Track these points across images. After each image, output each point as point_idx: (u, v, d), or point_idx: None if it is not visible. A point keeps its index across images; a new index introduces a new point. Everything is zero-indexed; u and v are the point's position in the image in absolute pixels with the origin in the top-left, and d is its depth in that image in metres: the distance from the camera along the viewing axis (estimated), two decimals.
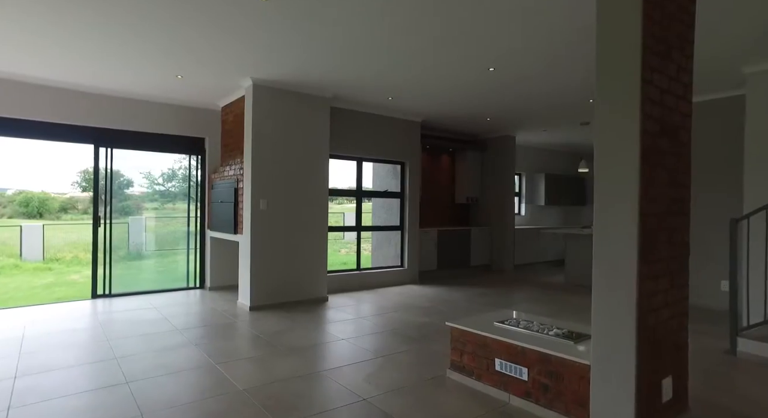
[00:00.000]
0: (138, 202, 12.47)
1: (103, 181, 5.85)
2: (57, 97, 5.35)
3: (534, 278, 8.07)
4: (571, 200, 10.51)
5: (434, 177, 8.75)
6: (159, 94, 5.84)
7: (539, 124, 7.84)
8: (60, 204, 24.01)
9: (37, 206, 22.84)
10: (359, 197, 6.96)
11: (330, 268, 6.43)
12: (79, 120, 5.52)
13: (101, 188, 5.86)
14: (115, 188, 14.45)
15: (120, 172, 12.44)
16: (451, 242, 8.23)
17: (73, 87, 5.43)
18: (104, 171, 5.83)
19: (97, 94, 5.60)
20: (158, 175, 9.50)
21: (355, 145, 6.73)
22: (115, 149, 5.86)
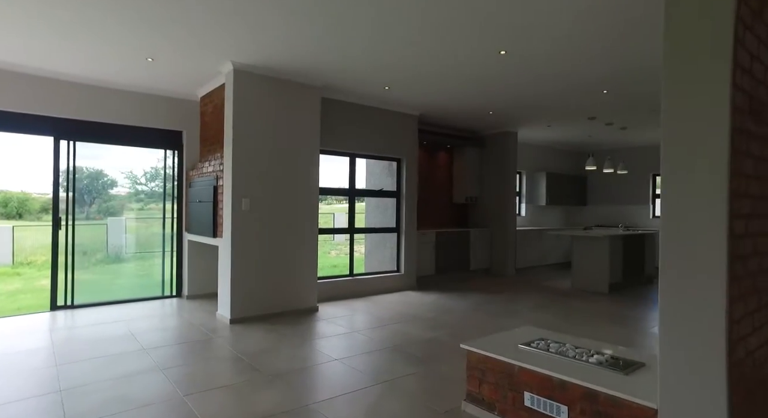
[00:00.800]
0: (123, 203, 11.81)
1: (83, 178, 5.21)
2: (8, 82, 4.71)
3: (538, 282, 7.58)
4: (573, 200, 10.06)
5: (431, 175, 8.22)
6: (128, 80, 5.22)
7: (544, 119, 7.36)
8: (41, 205, 22.99)
9: (16, 207, 21.85)
10: (352, 197, 6.40)
11: (319, 272, 5.87)
12: (36, 109, 4.88)
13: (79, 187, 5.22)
14: (99, 188, 13.58)
15: (103, 171, 11.72)
16: (450, 245, 7.71)
17: (27, 71, 4.78)
18: (69, 166, 5.18)
19: (54, 79, 4.96)
20: (141, 175, 8.87)
21: (347, 140, 6.17)
22: (78, 142, 5.22)
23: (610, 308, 5.68)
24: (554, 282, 7.63)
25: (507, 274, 8.18)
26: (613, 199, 9.95)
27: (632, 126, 7.72)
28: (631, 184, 9.65)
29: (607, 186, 10.05)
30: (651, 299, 6.25)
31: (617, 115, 6.96)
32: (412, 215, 6.93)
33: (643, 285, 7.40)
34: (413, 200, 6.96)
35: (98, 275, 10.70)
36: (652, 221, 9.35)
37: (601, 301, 6.13)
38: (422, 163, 7.97)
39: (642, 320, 5.11)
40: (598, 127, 7.79)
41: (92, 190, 12.57)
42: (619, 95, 5.74)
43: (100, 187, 12.52)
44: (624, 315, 5.33)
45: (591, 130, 8.09)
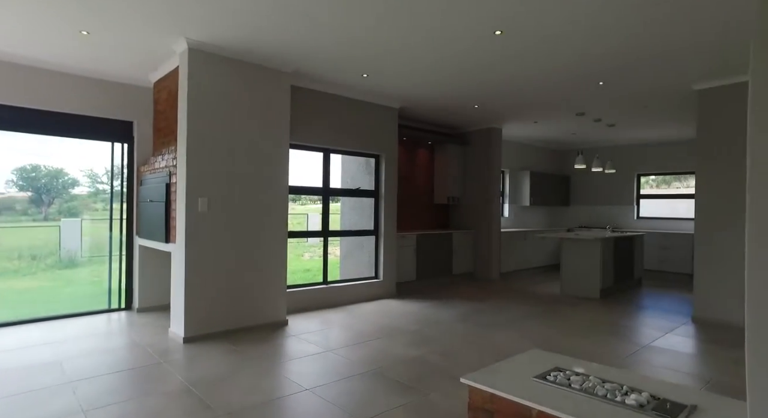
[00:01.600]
0: (88, 203, 10.95)
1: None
2: None
3: (525, 288, 7.16)
4: (557, 201, 9.73)
5: (411, 174, 7.70)
6: (65, 60, 4.49)
7: (532, 114, 6.94)
8: None
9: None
10: (326, 196, 5.81)
11: (290, 278, 5.27)
12: None
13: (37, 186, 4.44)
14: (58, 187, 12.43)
15: (64, 170, 10.73)
16: (432, 249, 7.20)
17: None
18: None
19: None
20: (102, 173, 8.07)
21: (321, 134, 5.58)
22: (2, 131, 4.46)
23: (605, 317, 5.28)
24: (542, 287, 7.22)
25: (491, 278, 7.74)
26: (597, 200, 9.66)
27: (621, 123, 7.39)
28: (615, 184, 9.38)
29: (590, 186, 9.76)
30: (645, 306, 5.89)
31: (607, 111, 6.60)
32: (391, 216, 6.39)
33: (633, 289, 7.07)
34: (393, 200, 6.42)
35: (47, 281, 9.73)
36: (636, 222, 9.09)
37: (594, 308, 5.73)
38: (402, 161, 7.45)
39: (643, 332, 4.70)
40: (585, 124, 7.43)
41: (51, 190, 11.52)
42: (615, 88, 5.35)
43: (59, 187, 11.50)
44: (623, 325, 4.93)
45: (577, 127, 7.73)
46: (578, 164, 6.71)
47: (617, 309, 5.68)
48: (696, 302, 5.19)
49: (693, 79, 5.01)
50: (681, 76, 4.92)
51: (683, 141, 8.51)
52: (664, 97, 5.74)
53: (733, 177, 4.93)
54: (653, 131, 8.09)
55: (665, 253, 8.23)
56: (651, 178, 9.24)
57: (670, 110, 6.43)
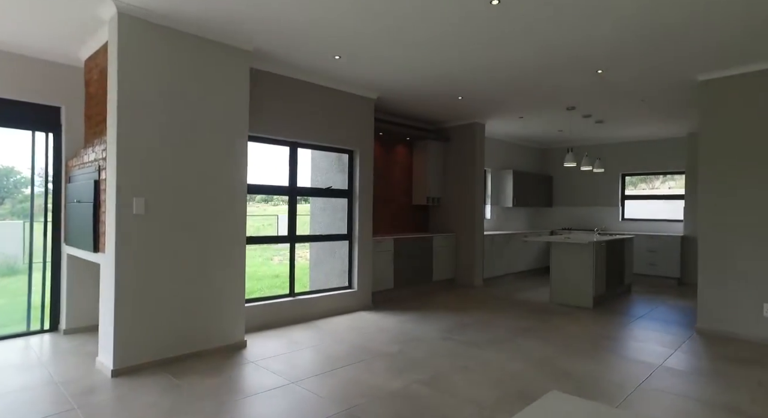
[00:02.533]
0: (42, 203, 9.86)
1: None
2: None
3: (511, 296, 6.63)
4: (539, 201, 9.29)
5: (388, 172, 7.08)
6: None
7: (519, 108, 6.42)
8: None
9: None
10: (293, 196, 5.11)
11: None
12: None
13: None
14: (9, 187, 11.28)
15: (15, 169, 9.62)
16: (411, 254, 6.59)
17: None
18: None
19: None
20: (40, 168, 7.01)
21: (288, 126, 4.88)
22: None
23: (603, 330, 4.77)
24: (529, 295, 6.71)
25: (474, 285, 7.20)
26: (581, 201, 9.28)
27: (609, 120, 6.97)
28: (599, 184, 9.01)
29: (573, 186, 9.37)
30: (642, 316, 5.43)
31: (599, 106, 6.14)
32: (367, 218, 5.74)
33: (624, 296, 6.64)
34: (368, 201, 5.77)
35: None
36: (622, 223, 8.74)
37: (588, 319, 5.23)
38: (378, 158, 6.81)
39: (649, 349, 4.21)
40: (572, 121, 6.98)
41: (0, 189, 10.43)
42: (615, 76, 4.86)
43: (11, 186, 10.38)
44: (625, 341, 4.43)
45: (564, 123, 7.28)
46: (568, 162, 6.25)
47: (614, 320, 5.20)
48: (700, 312, 4.75)
49: (699, 69, 4.57)
50: (686, 65, 4.47)
51: (670, 139, 8.20)
52: (664, 89, 5.30)
53: (740, 174, 4.51)
54: (641, 129, 7.73)
55: (652, 256, 7.88)
56: (630, 178, 8.90)
57: (666, 105, 6.02)
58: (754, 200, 4.42)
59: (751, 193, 4.44)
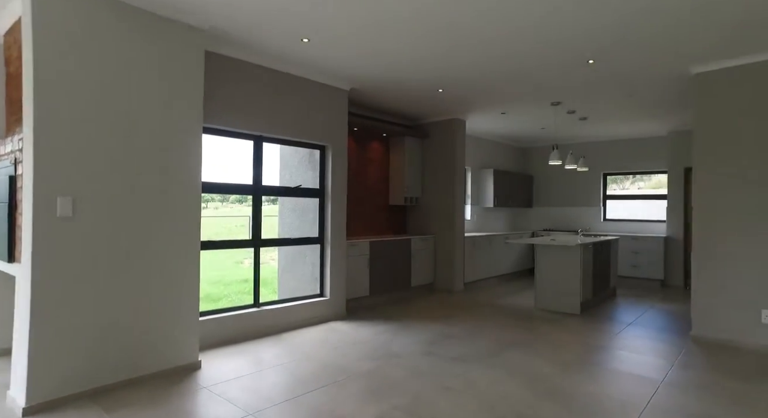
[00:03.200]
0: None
1: None
2: None
3: (494, 302, 6.27)
4: (519, 202, 8.99)
5: (363, 170, 6.62)
6: None
7: (502, 103, 6.06)
8: None
9: None
10: (258, 196, 4.59)
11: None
12: None
13: None
14: None
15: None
16: (387, 258, 6.16)
17: None
18: None
19: None
20: None
21: (252, 117, 4.37)
22: None
23: (596, 340, 4.44)
24: (512, 300, 6.36)
25: (455, 290, 6.81)
26: (562, 201, 9.03)
27: (594, 116, 6.70)
28: (581, 184, 8.77)
29: (554, 186, 9.12)
30: (633, 323, 5.13)
31: (585, 101, 5.84)
32: (340, 220, 5.27)
33: (611, 301, 6.36)
34: (342, 201, 5.31)
35: None
36: (604, 224, 8.52)
37: (578, 328, 4.90)
38: (353, 156, 6.35)
39: (648, 362, 3.88)
40: (557, 117, 6.68)
41: None
42: (606, 67, 4.54)
43: None
44: (621, 353, 4.10)
45: (547, 120, 6.98)
46: (553, 160, 5.94)
47: (604, 328, 4.88)
48: (695, 318, 4.47)
49: (694, 59, 4.28)
50: (681, 56, 4.18)
51: (651, 138, 8.01)
52: (654, 83, 5.02)
53: (738, 172, 4.24)
54: (623, 127, 7.51)
55: (635, 258, 7.66)
56: (609, 177, 8.70)
57: (653, 101, 5.76)
58: (753, 199, 4.15)
59: (749, 192, 4.17)
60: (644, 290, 7.26)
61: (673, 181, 7.54)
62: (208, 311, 4.15)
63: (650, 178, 8.49)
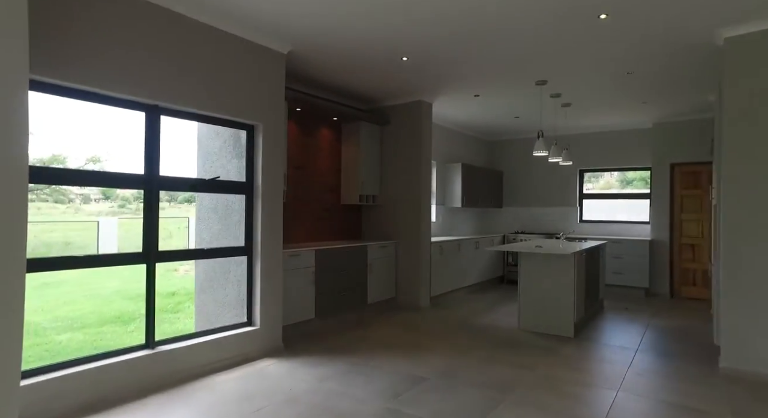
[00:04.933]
0: None
1: None
2: None
3: (469, 321, 5.18)
4: (489, 201, 8.02)
5: (308, 162, 5.38)
6: None
7: (477, 81, 4.99)
8: None
9: None
10: (152, 191, 3.24)
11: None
12: None
13: None
14: None
15: None
16: (339, 270, 4.95)
17: None
18: None
19: None
20: None
21: (139, 77, 3.04)
22: None
23: (613, 379, 3.43)
24: (491, 319, 5.30)
25: (421, 306, 5.68)
26: (534, 200, 8.14)
27: (579, 102, 5.79)
28: (555, 181, 7.91)
29: (527, 184, 8.22)
30: (642, 350, 4.18)
31: (574, 81, 4.89)
32: (274, 223, 4.01)
33: (600, 316, 5.44)
34: (278, 199, 4.05)
35: None
36: (581, 225, 7.69)
37: (581, 359, 3.89)
38: (294, 142, 5.10)
39: (697, 413, 2.88)
40: (537, 102, 5.71)
41: None
42: (616, 28, 3.55)
43: None
44: (648, 396, 3.08)
45: (526, 105, 6.00)
46: (538, 150, 4.94)
47: (611, 359, 3.90)
48: (725, 346, 3.55)
49: (724, 19, 3.36)
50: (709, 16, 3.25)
51: (633, 131, 7.25)
52: (667, 52, 4.09)
53: None
54: (607, 117, 6.67)
55: (618, 264, 6.85)
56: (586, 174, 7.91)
57: (653, 80, 4.88)
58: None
59: None
60: (629, 300, 6.43)
61: (658, 178, 6.79)
62: (61, 363, 2.78)
63: (624, 175, 7.77)
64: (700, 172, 6.53)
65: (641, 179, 7.69)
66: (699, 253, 6.53)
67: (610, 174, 7.89)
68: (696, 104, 5.86)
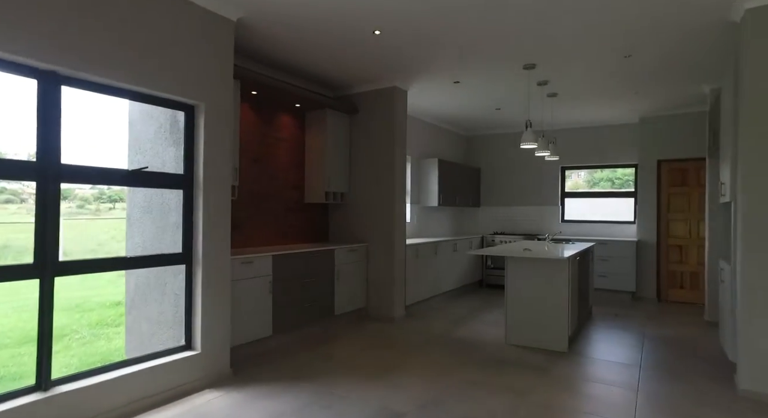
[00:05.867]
0: None
1: None
2: None
3: (449, 335, 4.61)
4: (467, 200, 7.50)
5: (267, 154, 4.70)
6: None
7: (457, 64, 4.42)
8: None
9: None
10: (47, 184, 2.48)
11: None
12: None
13: None
14: None
15: None
16: (301, 277, 4.29)
17: None
18: None
19: None
20: None
21: (28, 30, 2.30)
22: None
23: (625, 407, 2.91)
24: (473, 331, 4.75)
25: (395, 317, 5.07)
26: (514, 199, 7.67)
27: (566, 91, 5.32)
28: (535, 179, 7.47)
29: (506, 181, 7.75)
30: (646, 366, 3.70)
31: (567, 65, 4.39)
32: (220, 224, 3.32)
33: (591, 325, 4.98)
34: (223, 195, 3.36)
35: None
36: (563, 225, 7.27)
37: (580, 379, 3.37)
38: (251, 133, 4.41)
39: None
40: (524, 90, 5.20)
41: None
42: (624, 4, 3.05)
43: None
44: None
45: (509, 94, 5.49)
46: (526, 142, 4.42)
47: (612, 379, 3.40)
48: (744, 366, 3.09)
49: None
50: None
51: (619, 127, 6.87)
52: (676, 31, 3.61)
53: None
54: (593, 109, 6.24)
55: (603, 266, 6.44)
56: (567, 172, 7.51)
57: (653, 66, 4.42)
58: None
59: None
60: (617, 305, 6.02)
61: (645, 176, 6.42)
62: None
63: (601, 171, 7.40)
64: (687, 169, 6.19)
65: (607, 180, 7.34)
66: (687, 254, 6.19)
67: (577, 174, 7.50)
68: (689, 96, 5.49)
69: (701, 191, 6.05)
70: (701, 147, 5.95)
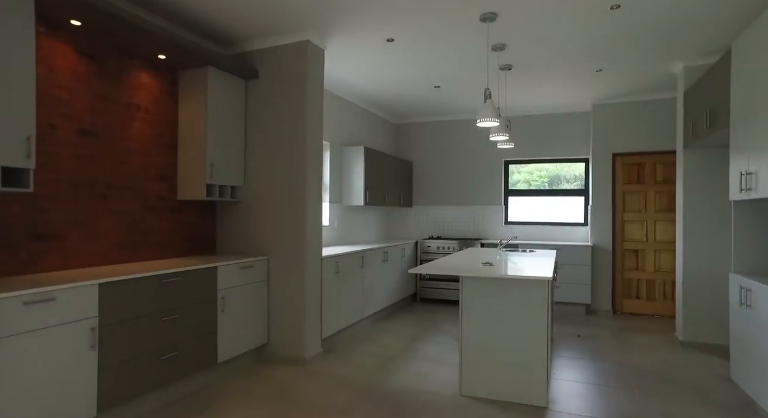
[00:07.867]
0: None
1: None
2: None
3: (381, 384, 3.31)
4: (397, 199, 6.30)
5: (109, 126, 3.09)
6: None
7: (393, 13, 3.15)
8: None
9: None
10: None
11: None
12: None
13: None
14: None
15: None
16: (156, 314, 2.77)
17: None
18: None
19: None
20: None
21: None
22: None
23: None
24: (413, 374, 3.49)
25: (305, 357, 3.68)
26: (451, 198, 6.62)
27: (523, 64, 4.29)
28: (475, 175, 6.47)
29: (441, 178, 6.67)
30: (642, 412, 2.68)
31: (530, 25, 3.31)
32: None
33: (560, 355, 3.96)
34: None
35: None
36: (506, 228, 6.32)
37: None
38: (76, 90, 2.79)
39: None
40: (472, 55, 4.08)
41: None
42: None
43: None
44: None
45: (455, 62, 4.36)
46: (484, 118, 3.25)
47: None
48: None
49: None
50: None
51: (569, 115, 6.05)
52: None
53: None
54: (546, 91, 5.32)
55: (559, 276, 5.56)
56: None
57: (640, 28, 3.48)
58: None
59: None
60: (575, 322, 5.14)
61: (598, 171, 5.64)
62: None
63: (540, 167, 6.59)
64: (643, 164, 5.49)
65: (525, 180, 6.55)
66: (642, 260, 5.48)
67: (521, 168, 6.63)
68: (654, 79, 4.73)
69: (657, 189, 5.39)
70: (663, 139, 5.26)
